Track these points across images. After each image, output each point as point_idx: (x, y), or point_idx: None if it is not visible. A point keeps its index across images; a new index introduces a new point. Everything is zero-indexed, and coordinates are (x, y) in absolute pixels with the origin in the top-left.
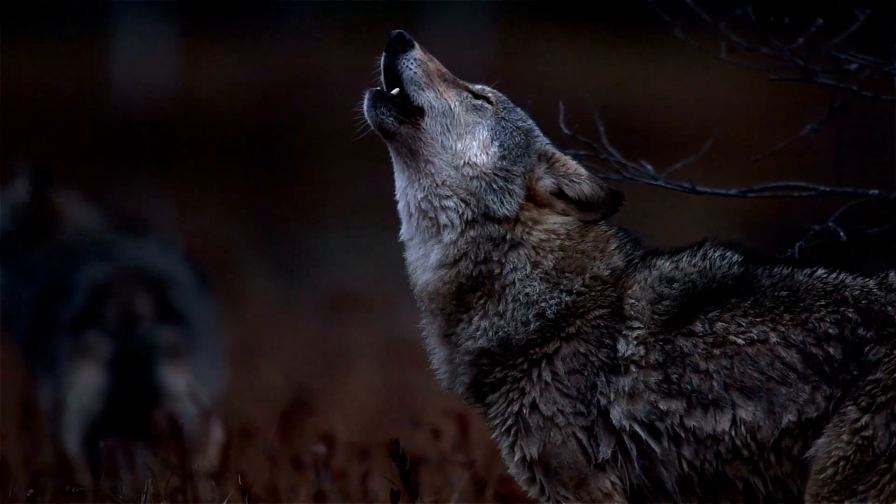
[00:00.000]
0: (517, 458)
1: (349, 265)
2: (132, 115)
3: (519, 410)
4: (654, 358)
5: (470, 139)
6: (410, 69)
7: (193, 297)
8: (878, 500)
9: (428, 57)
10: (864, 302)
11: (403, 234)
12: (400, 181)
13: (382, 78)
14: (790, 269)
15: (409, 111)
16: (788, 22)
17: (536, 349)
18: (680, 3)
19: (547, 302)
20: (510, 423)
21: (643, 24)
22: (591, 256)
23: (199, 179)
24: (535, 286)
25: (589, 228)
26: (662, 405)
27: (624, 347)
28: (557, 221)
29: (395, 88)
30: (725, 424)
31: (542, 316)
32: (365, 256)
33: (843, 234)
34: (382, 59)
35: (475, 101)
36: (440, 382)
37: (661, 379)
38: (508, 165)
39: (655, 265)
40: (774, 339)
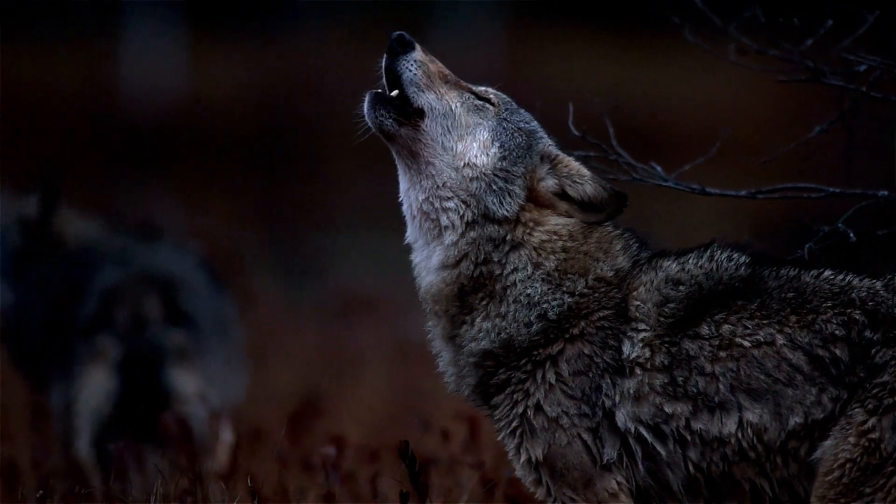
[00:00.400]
0: (523, 459)
1: (357, 267)
2: (140, 117)
3: (524, 412)
4: (659, 360)
5: (470, 140)
6: (410, 70)
7: (204, 299)
8: (885, 502)
9: (429, 58)
10: (871, 304)
11: (409, 236)
12: (403, 183)
13: (384, 80)
14: (797, 270)
15: (408, 113)
16: (797, 24)
17: (540, 350)
18: (689, 5)
19: (549, 303)
20: (515, 424)
21: (652, 25)
22: (594, 258)
23: (206, 181)
24: (536, 287)
25: (593, 230)
26: (668, 408)
27: (629, 349)
28: (560, 223)
29: (395, 90)
30: (732, 427)
31: (544, 317)
32: (373, 258)
33: (852, 235)
34: (384, 60)
35: (477, 102)
36: (447, 385)
37: (666, 381)
38: (508, 166)
39: (662, 267)
40: (781, 341)
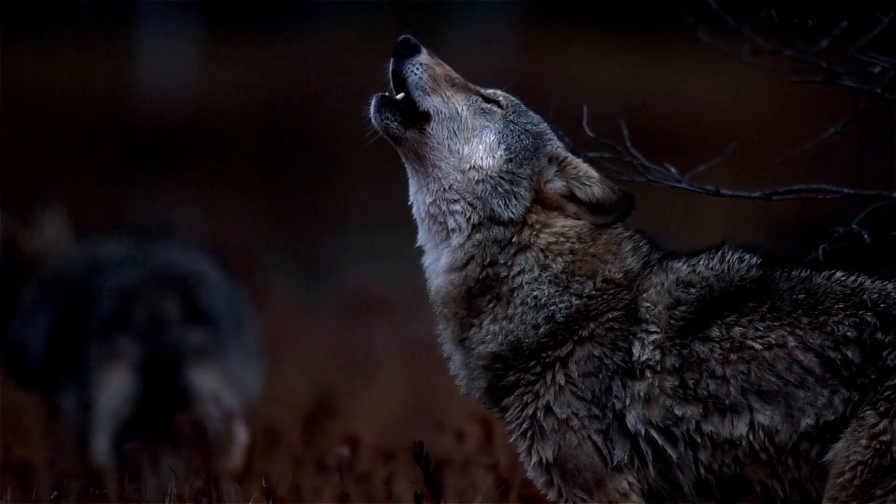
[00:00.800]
0: (534, 460)
1: (371, 267)
2: (153, 117)
3: (533, 414)
4: (670, 363)
5: (476, 143)
6: (415, 74)
7: (222, 298)
8: None
9: (435, 61)
10: (882, 306)
11: (419, 239)
12: (411, 186)
13: (391, 83)
14: (808, 271)
15: (414, 116)
16: (812, 24)
17: (549, 352)
18: (703, 5)
19: (556, 305)
20: (526, 426)
21: (667, 26)
22: (602, 260)
23: (221, 182)
24: (543, 289)
25: (601, 231)
26: (678, 410)
27: (639, 351)
28: (567, 224)
29: (402, 93)
30: (743, 429)
31: (551, 319)
32: (387, 258)
33: (866, 236)
34: (390, 64)
35: (484, 104)
36: (459, 388)
37: (676, 384)
38: (514, 168)
39: (672, 269)
40: (792, 343)
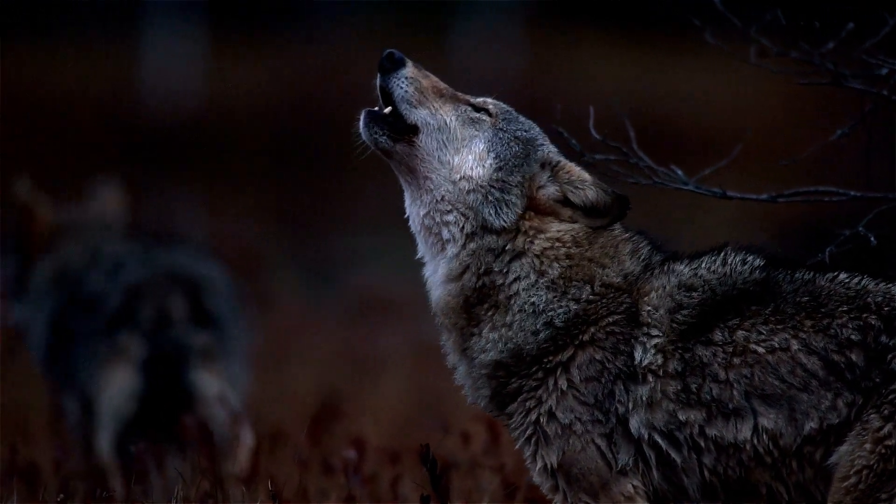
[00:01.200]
0: (539, 466)
1: (379, 269)
2: (160, 119)
3: (537, 419)
4: (672, 367)
5: (466, 153)
6: (401, 88)
7: (226, 301)
8: None
9: (422, 74)
10: (886, 309)
11: (419, 251)
12: (406, 198)
13: (379, 98)
14: (811, 274)
15: (402, 129)
16: (818, 26)
17: (551, 358)
18: (710, 7)
19: (555, 311)
20: (530, 432)
21: (673, 28)
22: (600, 264)
23: (226, 183)
24: (541, 295)
25: (598, 234)
26: (681, 415)
27: (641, 356)
28: (562, 229)
29: (389, 107)
30: (747, 433)
31: (550, 324)
32: (394, 260)
33: (873, 238)
34: (377, 79)
35: (473, 114)
36: (466, 397)
37: (679, 388)
38: (504, 176)
39: (674, 271)
40: (796, 346)
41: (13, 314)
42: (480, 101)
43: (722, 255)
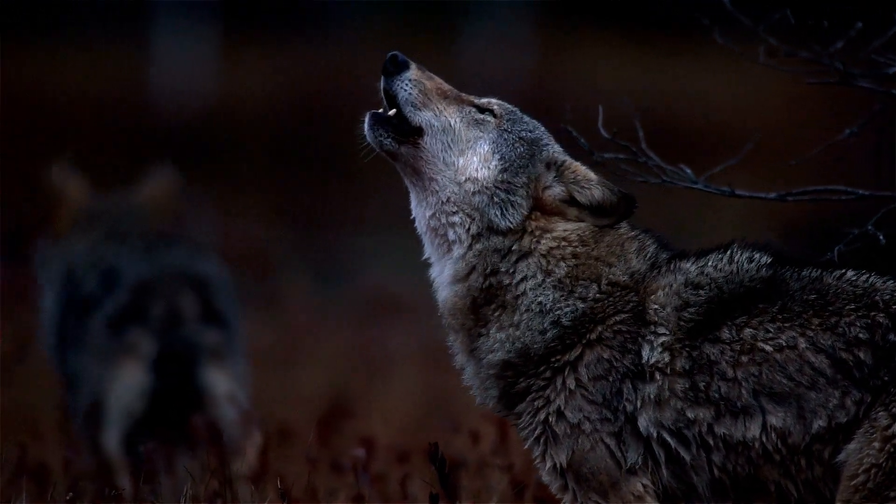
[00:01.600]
0: (548, 465)
1: (388, 268)
2: (171, 118)
3: (546, 419)
4: (680, 365)
5: (471, 154)
6: (405, 90)
7: (232, 300)
8: None
9: (426, 75)
10: (894, 307)
11: (426, 252)
12: (412, 200)
13: (383, 100)
14: (819, 271)
15: (407, 131)
16: (827, 25)
17: (558, 357)
18: (719, 6)
19: (562, 310)
20: (538, 431)
21: (682, 27)
22: (606, 262)
23: (237, 183)
24: (548, 294)
25: (605, 233)
26: (690, 413)
27: (648, 354)
28: (569, 228)
29: (394, 109)
30: (756, 431)
31: (557, 323)
32: (404, 259)
33: (882, 237)
34: (381, 82)
35: (478, 115)
36: (475, 397)
37: (687, 387)
38: (510, 177)
39: (681, 270)
40: (804, 344)
41: (41, 302)
42: (485, 101)
43: (729, 252)
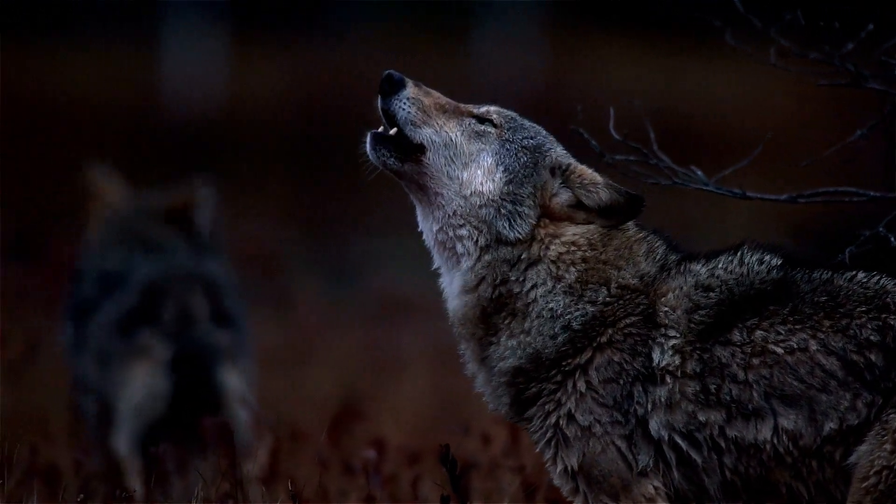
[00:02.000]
0: (559, 468)
1: (399, 270)
2: (181, 118)
3: (556, 422)
4: (690, 368)
5: (475, 168)
6: (404, 109)
7: (238, 300)
8: None
9: (423, 92)
10: None
11: (435, 263)
12: (418, 215)
13: (382, 118)
14: (829, 273)
15: (408, 149)
16: (838, 27)
17: (569, 360)
18: (730, 8)
19: (572, 314)
20: (549, 435)
21: (693, 28)
22: (615, 266)
23: (248, 184)
24: (558, 300)
25: (613, 236)
26: (701, 416)
27: (659, 357)
28: (578, 232)
29: (394, 128)
30: (767, 433)
31: (568, 328)
32: (414, 261)
33: (893, 239)
34: (378, 101)
35: (478, 126)
36: (487, 404)
37: (698, 389)
38: (515, 188)
39: (691, 272)
40: (814, 346)
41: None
42: (483, 110)
43: (739, 254)
